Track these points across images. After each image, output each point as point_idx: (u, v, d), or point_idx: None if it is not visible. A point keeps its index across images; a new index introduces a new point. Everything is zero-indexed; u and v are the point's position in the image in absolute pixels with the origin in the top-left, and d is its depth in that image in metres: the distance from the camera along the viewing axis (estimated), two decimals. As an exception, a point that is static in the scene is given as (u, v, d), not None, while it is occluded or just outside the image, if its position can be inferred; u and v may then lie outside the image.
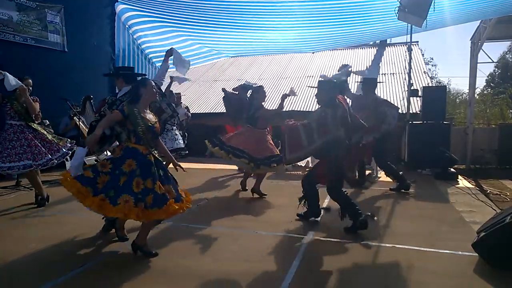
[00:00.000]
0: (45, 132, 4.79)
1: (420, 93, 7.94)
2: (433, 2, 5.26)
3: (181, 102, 9.19)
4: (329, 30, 7.56)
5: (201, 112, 11.23)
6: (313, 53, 10.89)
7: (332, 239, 3.43)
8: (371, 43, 13.66)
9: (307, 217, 4.05)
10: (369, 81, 5.84)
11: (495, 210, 4.38)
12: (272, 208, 4.64)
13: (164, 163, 3.19)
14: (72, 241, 3.46)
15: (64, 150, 4.79)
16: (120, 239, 3.41)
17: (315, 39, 8.20)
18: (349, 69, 5.70)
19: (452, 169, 6.58)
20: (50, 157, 4.59)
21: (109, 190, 2.79)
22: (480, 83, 28.23)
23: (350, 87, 6.04)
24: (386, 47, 13.74)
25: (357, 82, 6.19)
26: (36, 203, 4.65)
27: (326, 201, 4.60)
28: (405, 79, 8.15)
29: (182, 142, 6.33)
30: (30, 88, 4.65)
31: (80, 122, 7.70)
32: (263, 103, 5.24)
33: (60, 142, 4.87)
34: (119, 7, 9.08)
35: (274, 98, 10.70)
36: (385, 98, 9.83)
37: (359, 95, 5.85)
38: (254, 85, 5.59)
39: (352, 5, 6.25)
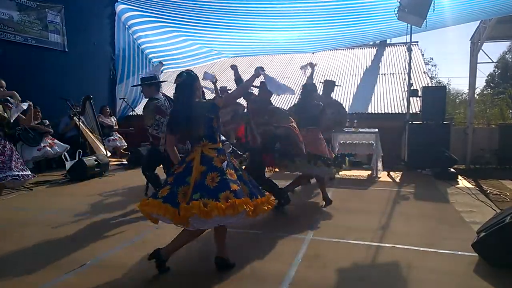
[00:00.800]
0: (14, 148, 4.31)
1: (420, 93, 7.93)
2: (433, 2, 5.26)
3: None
4: (329, 30, 7.57)
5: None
6: (313, 53, 10.89)
7: (332, 239, 3.43)
8: (371, 43, 13.65)
9: (283, 205, 4.17)
10: (330, 83, 6.22)
11: (495, 210, 4.38)
12: (271, 208, 4.63)
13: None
14: (72, 241, 3.46)
15: (15, 172, 4.07)
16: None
17: (315, 39, 8.21)
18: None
19: (452, 169, 6.58)
20: (3, 175, 3.99)
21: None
22: (480, 83, 28.23)
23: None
24: (386, 47, 13.72)
25: (320, 82, 6.30)
26: None
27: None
28: (405, 79, 8.14)
29: None
30: (2, 89, 4.18)
31: (80, 122, 7.71)
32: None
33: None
34: (119, 7, 9.10)
35: (274, 98, 10.68)
36: (385, 98, 9.88)
37: (319, 95, 6.03)
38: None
39: (352, 6, 6.26)
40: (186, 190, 2.50)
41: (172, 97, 4.31)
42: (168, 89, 12.90)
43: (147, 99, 4.57)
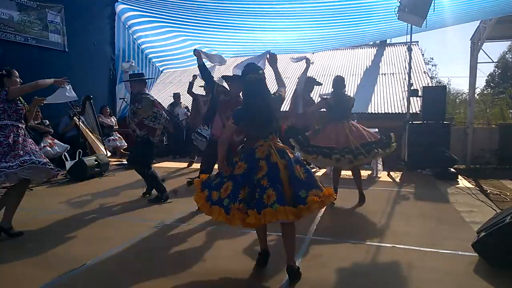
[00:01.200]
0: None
1: (420, 93, 7.94)
2: (433, 2, 5.26)
3: (181, 102, 9.21)
4: (329, 30, 7.57)
5: (201, 112, 11.21)
6: (313, 53, 10.90)
7: (332, 239, 3.43)
8: (371, 43, 13.66)
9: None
10: (310, 81, 6.28)
11: (495, 210, 4.38)
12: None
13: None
14: (72, 241, 3.47)
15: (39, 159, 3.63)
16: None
17: (315, 39, 8.20)
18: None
19: (452, 169, 6.58)
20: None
21: None
22: (480, 83, 28.28)
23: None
24: (386, 47, 13.75)
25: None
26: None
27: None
28: (405, 79, 8.15)
29: None
30: (18, 79, 3.85)
31: (80, 122, 7.71)
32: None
33: None
34: (119, 7, 9.09)
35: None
36: (385, 98, 9.89)
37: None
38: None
39: (352, 6, 6.25)
40: (286, 188, 2.48)
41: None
42: (169, 88, 12.91)
43: (135, 94, 4.86)
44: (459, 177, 6.46)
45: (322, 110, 5.17)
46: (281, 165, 2.52)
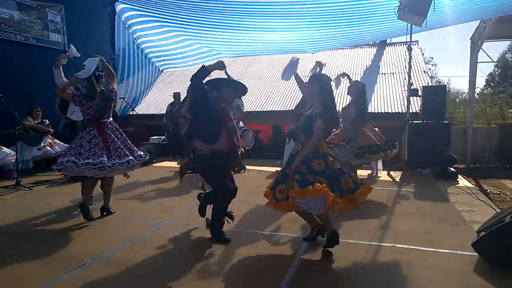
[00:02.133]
0: None
1: (420, 93, 7.94)
2: (433, 1, 5.26)
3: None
4: (329, 30, 7.57)
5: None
6: (313, 53, 10.89)
7: (332, 239, 3.43)
8: (371, 42, 13.65)
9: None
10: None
11: (495, 209, 4.38)
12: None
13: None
14: (72, 240, 3.47)
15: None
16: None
17: (315, 39, 8.21)
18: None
19: (452, 169, 6.59)
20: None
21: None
22: (480, 82, 28.30)
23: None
24: (386, 47, 13.71)
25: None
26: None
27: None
28: (405, 78, 8.15)
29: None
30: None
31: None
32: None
33: None
34: (119, 7, 9.09)
35: (274, 97, 10.70)
36: (385, 97, 9.88)
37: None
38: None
39: (352, 6, 6.25)
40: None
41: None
42: (169, 88, 12.90)
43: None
44: (459, 176, 6.47)
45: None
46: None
